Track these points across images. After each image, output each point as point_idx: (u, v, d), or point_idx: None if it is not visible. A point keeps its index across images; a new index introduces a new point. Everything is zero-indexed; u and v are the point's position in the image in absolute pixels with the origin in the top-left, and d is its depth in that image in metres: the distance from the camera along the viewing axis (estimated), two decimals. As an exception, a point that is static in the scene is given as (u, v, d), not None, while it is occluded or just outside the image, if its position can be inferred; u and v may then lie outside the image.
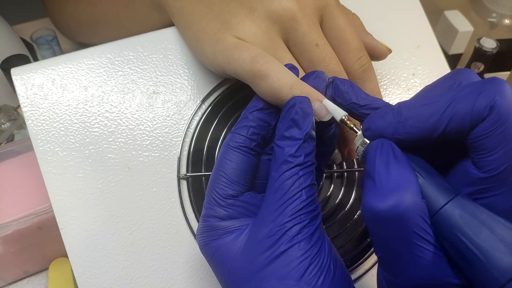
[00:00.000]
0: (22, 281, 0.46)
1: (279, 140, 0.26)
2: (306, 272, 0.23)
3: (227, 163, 0.27)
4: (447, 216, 0.21)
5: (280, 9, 0.30)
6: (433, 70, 0.42)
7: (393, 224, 0.20)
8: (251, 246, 0.25)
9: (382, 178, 0.21)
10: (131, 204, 0.33)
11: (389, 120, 0.23)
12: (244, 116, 0.28)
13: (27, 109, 0.33)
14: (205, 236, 0.27)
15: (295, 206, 0.24)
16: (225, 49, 0.30)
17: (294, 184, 0.24)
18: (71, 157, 0.33)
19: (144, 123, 0.34)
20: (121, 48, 0.35)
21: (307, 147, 0.25)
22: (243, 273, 0.25)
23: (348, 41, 0.31)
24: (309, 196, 0.24)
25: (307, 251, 0.24)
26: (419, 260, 0.21)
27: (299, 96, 0.26)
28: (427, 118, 0.22)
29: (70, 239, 0.32)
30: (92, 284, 0.31)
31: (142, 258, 0.32)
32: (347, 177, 0.38)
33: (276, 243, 0.24)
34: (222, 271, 0.26)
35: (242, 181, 0.27)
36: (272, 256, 0.24)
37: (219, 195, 0.27)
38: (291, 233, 0.24)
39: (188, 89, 0.36)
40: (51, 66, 0.34)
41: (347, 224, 0.36)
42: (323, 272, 0.24)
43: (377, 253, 0.23)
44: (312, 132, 0.25)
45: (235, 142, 0.27)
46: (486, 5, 0.81)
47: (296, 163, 0.24)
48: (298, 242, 0.24)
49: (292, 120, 0.25)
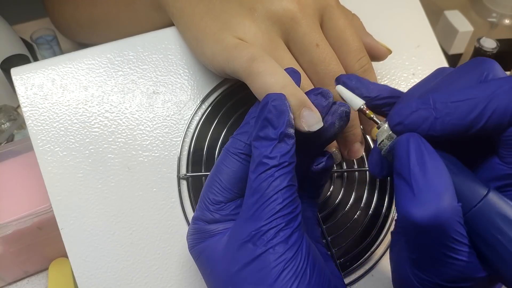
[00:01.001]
0: (22, 281, 0.46)
1: (254, 140, 0.25)
2: (279, 277, 0.23)
3: (223, 169, 0.26)
4: (481, 213, 0.21)
5: (280, 9, 0.30)
6: (433, 70, 0.41)
7: (431, 232, 0.20)
8: (229, 250, 0.25)
9: (419, 182, 0.20)
10: (131, 204, 0.33)
11: (424, 115, 0.22)
12: (245, 121, 0.27)
13: (27, 109, 0.33)
14: (193, 239, 0.27)
15: (270, 210, 0.23)
16: (224, 49, 0.30)
17: (270, 186, 0.24)
18: (71, 157, 0.33)
19: (144, 123, 0.34)
20: (121, 48, 0.35)
21: (283, 147, 0.24)
22: (222, 276, 0.25)
23: (349, 42, 0.31)
24: (286, 198, 0.24)
25: (282, 255, 0.23)
26: (454, 262, 0.21)
27: (273, 93, 0.25)
28: (466, 114, 0.21)
29: (70, 239, 0.32)
30: (92, 284, 0.31)
31: (142, 258, 0.32)
32: (347, 177, 0.38)
33: (252, 247, 0.24)
34: (205, 273, 0.26)
35: (235, 188, 0.26)
36: (247, 260, 0.24)
37: (210, 201, 0.26)
38: (266, 237, 0.23)
39: (188, 89, 0.36)
40: (51, 66, 0.34)
41: (347, 224, 0.36)
42: (298, 277, 0.23)
43: (410, 254, 0.23)
44: (288, 130, 0.24)
45: (234, 148, 0.26)
46: (486, 5, 0.81)
47: (271, 165, 0.24)
48: (273, 246, 0.23)
49: (265, 119, 0.24)
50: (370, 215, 0.37)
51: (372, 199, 0.37)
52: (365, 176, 0.38)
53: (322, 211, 0.36)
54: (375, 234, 0.36)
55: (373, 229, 0.37)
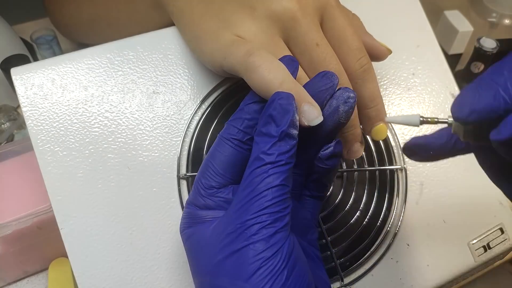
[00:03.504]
0: (22, 281, 0.46)
1: (256, 135, 0.25)
2: (255, 275, 0.23)
3: (217, 154, 0.27)
4: None
5: (280, 8, 0.30)
6: (433, 70, 0.42)
7: None
8: (214, 239, 0.25)
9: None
10: (131, 204, 0.33)
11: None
12: (240, 108, 0.27)
13: (27, 109, 0.33)
14: (184, 222, 0.28)
15: (258, 205, 0.23)
16: (222, 45, 0.30)
17: (262, 182, 0.24)
18: (71, 157, 0.33)
19: (144, 123, 0.34)
20: (121, 48, 0.35)
21: (282, 145, 0.24)
22: (204, 265, 0.25)
23: (348, 41, 0.31)
24: (276, 196, 0.24)
25: (260, 253, 0.23)
26: None
27: (281, 92, 0.25)
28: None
29: (70, 239, 0.32)
30: (92, 284, 0.31)
31: (142, 258, 0.32)
32: (347, 177, 0.38)
33: (234, 240, 0.24)
34: (190, 257, 0.27)
35: (228, 174, 0.27)
36: (227, 253, 0.24)
37: (202, 185, 0.27)
38: (249, 232, 0.23)
39: (188, 89, 0.36)
40: (51, 66, 0.34)
41: (347, 224, 0.36)
42: (273, 277, 0.23)
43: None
44: (290, 130, 0.24)
45: (228, 133, 0.27)
46: (486, 5, 0.81)
47: (267, 161, 0.24)
48: (254, 243, 0.23)
49: (269, 116, 0.25)
50: (370, 215, 0.37)
51: (372, 199, 0.37)
52: (365, 176, 0.38)
53: (322, 211, 0.36)
54: (374, 234, 0.36)
55: (373, 229, 0.37)
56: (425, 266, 0.37)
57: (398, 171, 0.38)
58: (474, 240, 0.38)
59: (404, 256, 0.37)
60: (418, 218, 0.38)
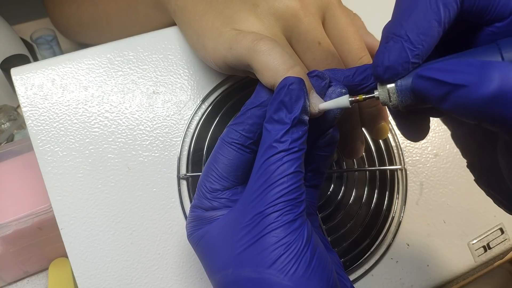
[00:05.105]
0: (22, 281, 0.46)
1: (267, 122, 0.25)
2: (278, 260, 0.23)
3: (219, 158, 0.27)
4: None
5: (283, 6, 0.30)
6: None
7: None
8: (230, 234, 0.25)
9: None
10: (131, 204, 0.33)
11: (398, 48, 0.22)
12: (242, 112, 0.27)
13: (27, 109, 0.33)
14: (192, 226, 0.28)
15: (275, 193, 0.24)
16: (228, 37, 0.29)
17: (277, 170, 0.24)
18: (71, 157, 0.33)
19: (144, 123, 0.34)
20: (121, 48, 0.35)
21: (295, 132, 0.24)
22: (223, 259, 0.25)
23: (350, 41, 0.31)
24: (292, 183, 0.24)
25: (282, 239, 0.23)
26: None
27: (291, 77, 0.25)
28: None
29: (70, 239, 0.32)
30: (92, 284, 0.31)
31: (142, 258, 0.32)
32: (347, 177, 0.38)
33: (252, 229, 0.24)
34: (205, 257, 0.27)
35: (232, 177, 0.27)
36: (247, 243, 0.24)
37: (207, 189, 0.27)
38: (268, 220, 0.23)
39: (188, 89, 0.36)
40: (51, 66, 0.34)
41: (347, 224, 0.36)
42: (298, 260, 0.23)
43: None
44: (303, 116, 0.24)
45: (229, 137, 0.27)
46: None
47: (281, 149, 0.24)
48: (274, 229, 0.23)
49: (281, 102, 0.24)
50: (370, 215, 0.37)
51: (372, 199, 0.37)
52: (365, 176, 0.38)
53: (322, 211, 0.36)
54: (375, 234, 0.36)
55: (373, 229, 0.37)
56: (425, 266, 0.37)
57: (398, 171, 0.38)
58: (474, 240, 0.38)
59: (404, 256, 0.37)
60: (418, 218, 0.38)
